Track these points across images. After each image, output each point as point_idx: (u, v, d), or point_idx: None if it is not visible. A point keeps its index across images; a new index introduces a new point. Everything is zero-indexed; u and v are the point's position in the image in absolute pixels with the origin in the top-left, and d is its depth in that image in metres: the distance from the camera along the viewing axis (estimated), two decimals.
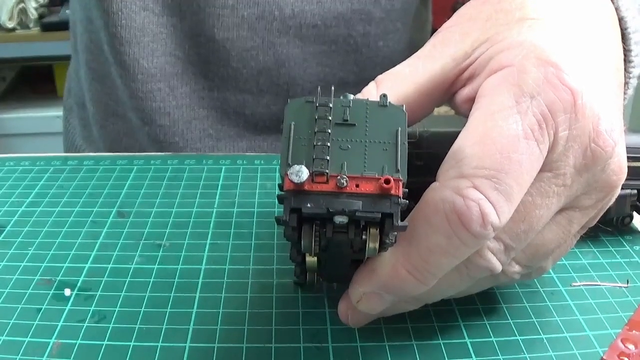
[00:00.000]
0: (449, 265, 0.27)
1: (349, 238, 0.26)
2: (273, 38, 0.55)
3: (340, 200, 0.24)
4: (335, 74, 0.59)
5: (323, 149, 0.25)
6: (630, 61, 0.34)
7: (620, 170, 0.29)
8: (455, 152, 0.27)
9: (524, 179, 0.26)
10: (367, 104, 0.27)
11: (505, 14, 0.30)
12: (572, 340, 0.32)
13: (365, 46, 0.58)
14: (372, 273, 0.28)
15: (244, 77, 0.57)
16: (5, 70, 1.74)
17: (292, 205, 0.24)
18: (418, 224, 0.26)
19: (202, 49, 0.56)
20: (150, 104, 0.57)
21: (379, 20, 0.58)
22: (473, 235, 0.25)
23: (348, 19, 0.56)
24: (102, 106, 0.61)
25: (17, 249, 0.39)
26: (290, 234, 0.26)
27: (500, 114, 0.27)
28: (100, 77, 0.60)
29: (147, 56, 0.55)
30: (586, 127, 0.27)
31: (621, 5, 0.33)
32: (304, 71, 0.58)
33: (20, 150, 0.49)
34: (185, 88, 0.58)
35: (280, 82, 0.57)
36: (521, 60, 0.27)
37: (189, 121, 0.58)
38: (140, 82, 0.56)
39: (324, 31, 0.56)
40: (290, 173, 0.24)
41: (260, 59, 0.56)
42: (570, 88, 0.27)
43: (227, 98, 0.58)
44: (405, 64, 0.31)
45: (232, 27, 0.55)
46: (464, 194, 0.25)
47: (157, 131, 0.58)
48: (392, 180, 0.24)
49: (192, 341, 0.31)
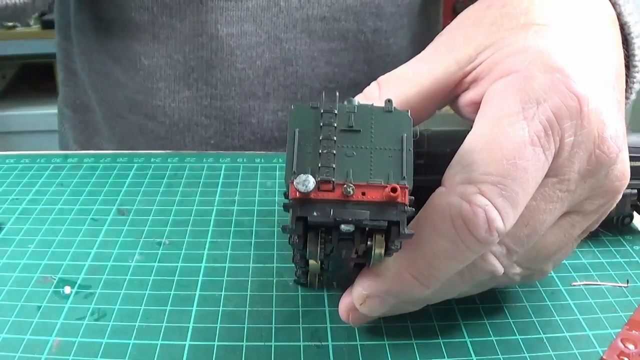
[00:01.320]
0: (453, 270, 0.27)
1: (355, 245, 0.26)
2: (279, 33, 0.54)
3: (348, 210, 0.24)
4: (345, 74, 0.57)
5: (329, 157, 0.25)
6: (634, 66, 0.34)
7: (623, 176, 0.29)
8: (461, 157, 0.27)
9: (530, 185, 0.26)
10: (372, 110, 0.26)
11: (510, 19, 0.30)
12: (572, 339, 0.32)
13: (376, 44, 0.57)
14: (376, 277, 0.28)
15: (250, 79, 0.55)
16: (5, 67, 1.74)
17: (299, 214, 0.24)
18: (424, 228, 0.27)
19: (204, 50, 0.54)
20: (151, 101, 0.57)
21: (389, 15, 0.56)
22: (478, 241, 0.26)
23: (358, 12, 0.55)
24: (107, 107, 0.61)
25: (17, 246, 0.39)
26: (296, 242, 0.26)
27: (507, 119, 0.27)
28: (104, 75, 0.59)
29: (147, 54, 0.55)
30: (591, 134, 0.27)
31: (624, 11, 0.33)
32: (312, 70, 0.56)
33: (21, 147, 0.49)
34: (187, 93, 0.56)
35: (288, 82, 0.56)
36: (527, 66, 0.27)
37: (189, 126, 0.57)
38: (141, 77, 0.56)
39: (332, 25, 0.54)
40: (297, 183, 0.24)
41: (266, 56, 0.55)
42: (577, 95, 0.27)
43: (231, 107, 0.56)
44: (407, 66, 0.31)
45: (236, 21, 0.53)
46: (470, 199, 0.26)
47: (159, 128, 0.58)
48: (399, 188, 0.24)
49: (192, 339, 0.31)
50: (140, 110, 0.58)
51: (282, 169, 0.49)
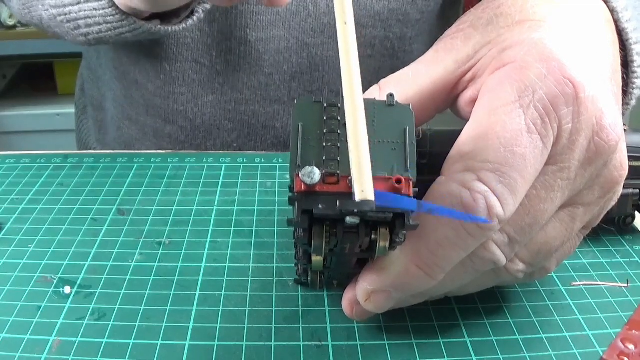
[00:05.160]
0: (457, 258, 0.27)
1: (360, 238, 0.26)
2: (307, 38, 0.54)
3: (353, 202, 0.24)
4: (371, 82, 0.56)
5: (333, 150, 0.25)
6: (633, 72, 0.35)
7: (621, 167, 0.29)
8: (460, 147, 0.27)
9: (529, 172, 0.26)
10: (375, 104, 0.27)
11: (505, 18, 0.30)
12: (572, 339, 0.32)
13: (401, 50, 0.57)
14: (381, 271, 0.28)
15: (276, 84, 0.55)
16: (5, 67, 1.74)
17: (304, 207, 0.24)
18: (426, 218, 0.27)
19: (232, 55, 0.54)
20: (172, 105, 0.56)
21: (414, 22, 0.56)
22: (479, 227, 0.26)
23: (385, 20, 0.55)
24: (120, 108, 0.61)
25: (17, 246, 0.39)
26: (301, 236, 0.26)
27: (504, 108, 0.27)
28: (122, 75, 0.59)
29: (170, 58, 0.54)
30: (590, 121, 0.27)
31: (622, 18, 0.33)
32: (339, 77, 0.56)
33: (21, 147, 0.49)
34: (210, 97, 0.56)
35: (314, 88, 0.56)
36: (523, 56, 0.28)
37: (211, 131, 0.57)
38: (162, 81, 0.56)
39: (360, 32, 0.53)
40: (302, 175, 0.24)
41: (293, 61, 0.55)
42: (573, 81, 0.27)
43: (255, 111, 0.56)
44: (408, 68, 0.32)
45: (266, 26, 0.53)
46: (470, 186, 0.26)
47: (178, 132, 0.58)
48: (403, 179, 0.24)
49: (192, 339, 0.31)
50: (157, 113, 0.58)
51: (282, 169, 0.49)
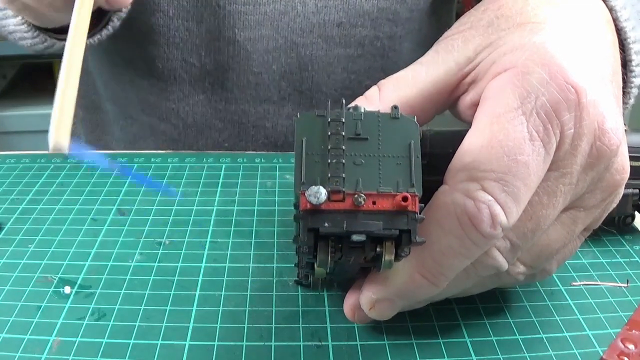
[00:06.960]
0: (461, 266, 0.28)
1: (365, 252, 0.26)
2: (296, 37, 0.54)
3: (360, 222, 0.24)
4: (361, 82, 0.57)
5: (338, 167, 0.25)
6: (631, 70, 0.34)
7: (623, 170, 0.29)
8: (463, 155, 0.27)
9: (532, 180, 0.26)
10: (379, 117, 0.26)
11: (505, 20, 0.30)
12: (572, 339, 0.32)
13: (391, 49, 0.57)
14: (386, 280, 0.28)
15: (265, 84, 0.55)
16: (5, 67, 1.74)
17: (310, 225, 0.24)
18: (430, 227, 0.27)
19: (221, 54, 0.54)
20: (165, 103, 0.57)
21: (404, 20, 0.56)
22: (483, 236, 0.26)
23: (374, 18, 0.54)
24: (120, 107, 0.61)
25: (17, 246, 0.39)
26: (305, 251, 0.26)
27: (506, 116, 0.27)
28: (117, 75, 0.59)
29: (161, 57, 0.54)
30: (591, 125, 0.27)
31: (620, 17, 0.33)
32: (328, 77, 0.56)
33: (21, 147, 0.49)
34: (201, 96, 0.56)
35: (303, 87, 0.56)
36: (524, 61, 0.28)
37: (203, 130, 0.57)
38: (155, 79, 0.56)
39: (349, 31, 0.54)
40: (309, 195, 0.24)
41: (282, 60, 0.54)
42: (575, 87, 0.27)
43: (246, 111, 0.56)
44: (407, 69, 0.31)
45: (254, 26, 0.53)
46: (474, 196, 0.26)
47: (172, 130, 0.58)
48: (409, 197, 0.24)
49: (192, 339, 0.31)
50: (153, 111, 0.58)
51: (282, 169, 0.49)
